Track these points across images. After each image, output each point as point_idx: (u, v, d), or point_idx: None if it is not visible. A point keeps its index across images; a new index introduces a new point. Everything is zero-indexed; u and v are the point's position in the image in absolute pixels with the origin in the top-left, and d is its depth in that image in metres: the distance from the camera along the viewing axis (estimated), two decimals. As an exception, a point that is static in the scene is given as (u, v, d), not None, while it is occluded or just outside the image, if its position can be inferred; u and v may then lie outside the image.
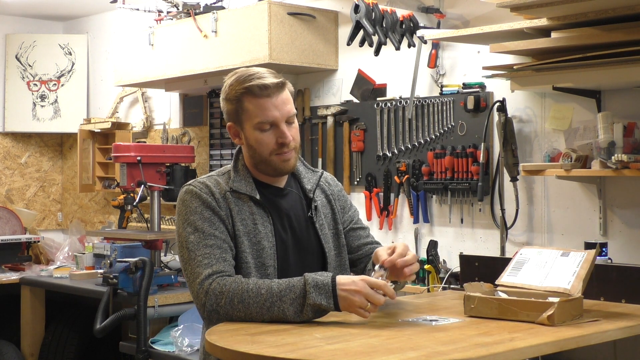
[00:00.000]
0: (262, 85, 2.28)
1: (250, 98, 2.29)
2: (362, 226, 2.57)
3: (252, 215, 2.34)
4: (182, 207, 2.33)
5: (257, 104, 2.29)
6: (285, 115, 2.31)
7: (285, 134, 2.30)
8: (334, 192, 2.54)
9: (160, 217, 4.59)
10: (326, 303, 2.12)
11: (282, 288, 2.14)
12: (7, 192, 6.46)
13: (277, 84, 2.30)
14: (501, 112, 3.70)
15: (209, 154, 5.28)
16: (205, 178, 2.38)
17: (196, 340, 3.86)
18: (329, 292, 2.12)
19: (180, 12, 4.88)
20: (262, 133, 2.31)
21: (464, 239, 4.00)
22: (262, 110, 2.29)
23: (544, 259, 2.47)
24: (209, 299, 2.19)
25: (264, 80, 2.29)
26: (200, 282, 2.21)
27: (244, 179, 2.37)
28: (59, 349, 5.02)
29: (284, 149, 2.32)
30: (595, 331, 2.19)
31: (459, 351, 1.90)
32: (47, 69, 6.40)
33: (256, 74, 2.31)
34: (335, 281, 2.13)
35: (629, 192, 3.45)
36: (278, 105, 2.30)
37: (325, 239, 2.43)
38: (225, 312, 2.18)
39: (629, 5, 2.94)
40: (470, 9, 3.95)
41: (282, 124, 2.30)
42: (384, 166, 4.30)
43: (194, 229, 2.28)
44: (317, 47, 4.52)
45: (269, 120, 2.29)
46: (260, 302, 2.14)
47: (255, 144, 2.33)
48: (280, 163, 2.34)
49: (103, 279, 4.31)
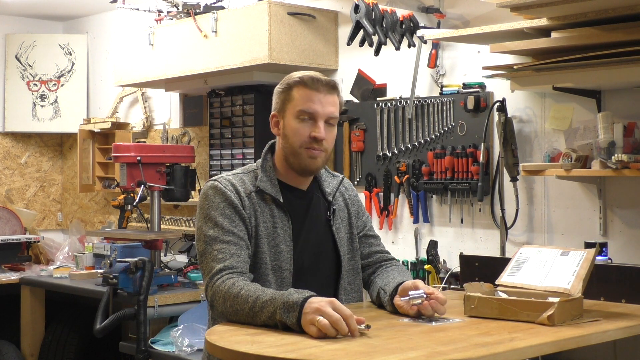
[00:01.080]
0: (315, 79, 2.37)
1: (301, 87, 2.36)
2: (373, 234, 2.61)
3: (272, 218, 2.37)
4: (205, 202, 2.36)
5: (304, 94, 2.36)
6: (327, 113, 2.36)
7: (320, 129, 2.35)
8: (351, 196, 2.59)
9: (160, 217, 4.58)
10: (291, 322, 2.04)
11: (265, 300, 2.11)
12: (7, 192, 6.46)
13: (329, 82, 2.39)
14: (501, 112, 3.70)
15: (209, 154, 5.27)
16: (231, 176, 2.41)
17: (196, 340, 3.86)
18: (296, 313, 2.03)
19: (180, 12, 4.88)
20: (300, 122, 2.36)
21: (464, 239, 4.00)
22: (307, 100, 2.35)
23: (543, 258, 2.47)
24: (212, 294, 2.25)
25: (317, 76, 2.38)
26: (210, 277, 2.26)
27: (270, 180, 2.40)
28: (59, 349, 5.02)
29: (315, 145, 2.35)
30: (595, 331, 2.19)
31: (459, 351, 1.90)
32: (47, 69, 6.40)
33: (314, 73, 2.40)
34: (305, 301, 2.03)
35: (629, 192, 3.45)
36: (323, 101, 2.36)
37: (340, 242, 2.47)
38: (221, 310, 2.23)
39: (629, 5, 2.94)
40: (470, 9, 3.95)
41: (321, 120, 2.35)
42: (384, 166, 4.30)
43: (213, 224, 2.31)
44: (317, 47, 4.52)
45: (309, 111, 2.35)
46: (245, 310, 2.15)
47: (290, 132, 2.37)
48: (307, 159, 2.37)
49: (103, 279, 4.31)
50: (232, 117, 5.10)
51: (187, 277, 4.52)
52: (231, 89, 5.07)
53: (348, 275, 2.48)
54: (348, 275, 2.48)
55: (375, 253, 2.57)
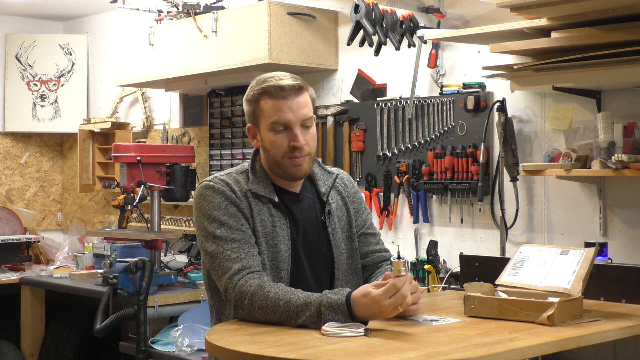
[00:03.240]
0: (278, 87, 2.30)
1: (267, 98, 2.31)
2: (373, 232, 2.56)
3: (271, 217, 2.35)
4: (204, 202, 2.33)
5: (272, 105, 2.30)
6: (300, 118, 2.31)
7: (297, 137, 2.30)
8: (350, 194, 2.54)
9: (160, 217, 4.59)
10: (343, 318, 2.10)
11: (299, 303, 2.15)
12: (7, 192, 6.46)
13: (294, 86, 2.31)
14: (501, 112, 3.70)
15: (209, 154, 5.28)
16: (225, 175, 2.38)
17: (196, 340, 3.86)
18: (345, 312, 2.10)
19: (180, 12, 4.88)
20: (276, 134, 2.31)
21: (464, 239, 4.00)
22: (276, 111, 2.30)
23: (543, 257, 2.47)
24: (236, 295, 2.22)
25: (280, 82, 2.31)
26: (229, 277, 2.23)
27: (262, 182, 2.37)
28: (59, 349, 5.02)
29: (296, 153, 2.31)
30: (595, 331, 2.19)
31: (459, 351, 1.90)
32: (47, 69, 6.40)
33: (275, 76, 2.33)
34: (349, 299, 2.11)
35: (629, 192, 3.45)
36: (293, 107, 2.30)
37: (336, 243, 2.44)
38: (247, 311, 2.22)
39: (629, 5, 2.94)
40: (470, 9, 3.95)
41: (296, 127, 2.30)
42: (384, 166, 4.30)
43: (219, 224, 2.28)
44: (317, 47, 4.52)
45: (282, 122, 2.30)
46: (277, 313, 2.16)
47: (269, 145, 2.33)
48: (292, 168, 2.34)
49: (103, 279, 4.31)
50: (232, 117, 5.10)
51: (187, 277, 4.52)
52: (231, 89, 5.07)
53: (344, 275, 2.45)
54: (344, 275, 2.45)
55: (373, 253, 2.53)
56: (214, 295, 2.39)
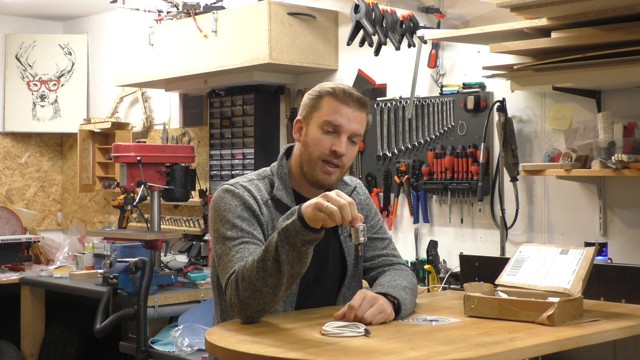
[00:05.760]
0: (348, 93, 2.34)
1: (331, 98, 2.34)
2: (381, 236, 2.55)
3: None
4: (221, 204, 2.33)
5: (333, 105, 2.33)
6: (352, 130, 2.34)
7: (342, 143, 2.32)
8: (361, 200, 2.56)
9: (160, 217, 4.58)
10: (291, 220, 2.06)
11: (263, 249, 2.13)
12: (7, 192, 6.46)
13: (360, 99, 2.36)
14: (501, 112, 3.70)
15: (209, 154, 5.27)
16: (247, 182, 2.38)
17: (196, 340, 3.86)
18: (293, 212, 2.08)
19: (180, 12, 4.88)
20: (323, 134, 2.33)
21: (464, 239, 4.00)
22: (334, 112, 2.32)
23: (543, 257, 2.47)
24: (228, 291, 2.20)
25: (350, 91, 2.35)
26: (229, 277, 2.23)
27: (286, 189, 2.38)
28: (59, 349, 5.02)
29: (333, 159, 2.33)
30: (595, 331, 2.19)
31: (459, 351, 1.90)
32: (47, 69, 6.40)
33: (347, 87, 2.37)
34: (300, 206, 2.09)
35: (629, 192, 3.45)
36: (350, 116, 2.33)
37: (348, 251, 2.45)
38: (238, 299, 2.16)
39: (629, 5, 2.94)
40: (470, 9, 3.95)
41: (344, 135, 2.33)
42: (384, 166, 4.30)
43: (231, 226, 2.29)
44: (317, 47, 4.52)
45: (335, 123, 2.32)
46: (255, 268, 2.12)
47: (311, 141, 2.35)
48: (321, 173, 2.35)
49: (103, 279, 4.31)
50: (232, 117, 5.10)
51: (187, 277, 4.51)
52: (231, 89, 5.07)
53: (349, 281, 2.47)
54: (349, 281, 2.47)
55: (379, 257, 2.52)
56: (220, 293, 2.40)
